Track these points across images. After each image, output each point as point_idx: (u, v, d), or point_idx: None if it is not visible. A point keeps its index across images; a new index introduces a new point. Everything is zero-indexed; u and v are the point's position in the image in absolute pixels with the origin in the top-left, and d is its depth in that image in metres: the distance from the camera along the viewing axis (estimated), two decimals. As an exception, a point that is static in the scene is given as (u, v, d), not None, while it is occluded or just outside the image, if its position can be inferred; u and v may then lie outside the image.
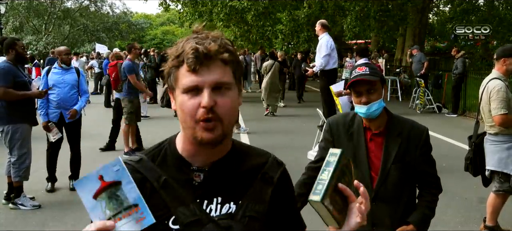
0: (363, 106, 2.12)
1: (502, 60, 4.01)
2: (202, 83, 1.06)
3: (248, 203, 1.16)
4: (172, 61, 1.10)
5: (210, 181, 1.15)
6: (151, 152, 1.20)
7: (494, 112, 3.88)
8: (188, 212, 1.10)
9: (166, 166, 1.16)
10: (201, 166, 1.15)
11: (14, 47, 5.01)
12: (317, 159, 2.38)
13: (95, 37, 40.13)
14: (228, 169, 1.18)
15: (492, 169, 4.03)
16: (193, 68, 1.06)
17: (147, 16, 54.18)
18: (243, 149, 1.26)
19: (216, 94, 1.07)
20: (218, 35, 1.11)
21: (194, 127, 1.08)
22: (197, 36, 1.10)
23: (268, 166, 1.24)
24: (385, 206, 2.19)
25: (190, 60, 1.06)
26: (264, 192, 1.20)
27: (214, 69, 1.07)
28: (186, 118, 1.09)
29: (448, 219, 4.72)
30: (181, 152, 1.17)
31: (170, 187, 1.12)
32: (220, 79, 1.07)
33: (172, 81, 1.12)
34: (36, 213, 5.00)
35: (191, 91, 1.07)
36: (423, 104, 12.50)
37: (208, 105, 1.05)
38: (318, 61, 7.77)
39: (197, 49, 1.06)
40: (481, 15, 22.46)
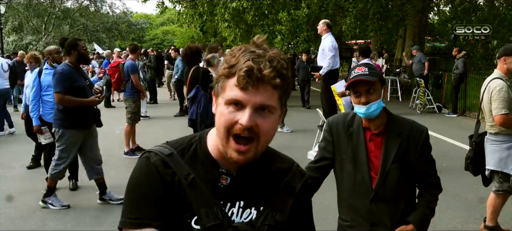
0: (362, 106, 2.12)
1: (503, 59, 4.02)
2: (246, 101, 1.06)
3: (269, 211, 1.17)
4: (224, 70, 1.10)
5: (236, 185, 1.16)
6: (181, 146, 1.19)
7: (495, 112, 3.88)
8: (211, 215, 1.10)
9: (195, 164, 1.15)
10: (229, 169, 1.15)
11: (76, 48, 4.96)
12: (317, 159, 2.38)
13: (95, 37, 40.11)
14: (253, 174, 1.19)
15: (492, 168, 4.03)
16: (243, 86, 1.05)
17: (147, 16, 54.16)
18: (270, 154, 1.25)
19: (257, 115, 1.07)
20: (275, 56, 1.08)
21: (227, 141, 1.08)
22: (255, 51, 1.08)
23: (291, 175, 1.24)
24: (384, 206, 2.19)
25: (241, 78, 1.05)
26: (285, 202, 1.20)
27: (263, 91, 1.06)
28: (221, 128, 1.09)
29: (448, 219, 4.72)
30: (211, 152, 1.17)
31: (197, 186, 1.12)
32: (265, 102, 1.07)
33: (219, 89, 1.11)
34: (36, 213, 4.99)
35: (234, 104, 1.07)
36: (423, 104, 12.49)
37: (247, 125, 1.05)
38: (325, 62, 7.76)
39: (252, 70, 1.04)
40: (481, 15, 22.47)
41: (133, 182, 1.15)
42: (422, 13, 17.23)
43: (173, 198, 1.12)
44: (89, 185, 5.76)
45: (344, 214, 2.31)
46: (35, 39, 37.17)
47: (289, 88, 1.14)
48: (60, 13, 40.12)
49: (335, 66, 7.89)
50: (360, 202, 2.22)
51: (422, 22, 17.40)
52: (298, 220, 1.26)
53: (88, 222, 4.71)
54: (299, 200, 1.24)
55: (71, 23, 40.97)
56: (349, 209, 2.27)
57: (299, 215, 1.26)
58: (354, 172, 2.22)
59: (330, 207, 4.81)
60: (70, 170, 5.91)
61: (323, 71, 7.78)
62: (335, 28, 17.29)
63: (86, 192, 5.61)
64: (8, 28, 36.45)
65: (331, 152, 2.29)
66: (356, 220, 2.24)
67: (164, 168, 1.12)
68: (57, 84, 4.81)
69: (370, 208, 2.20)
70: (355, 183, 2.22)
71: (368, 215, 2.21)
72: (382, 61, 16.20)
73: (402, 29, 17.90)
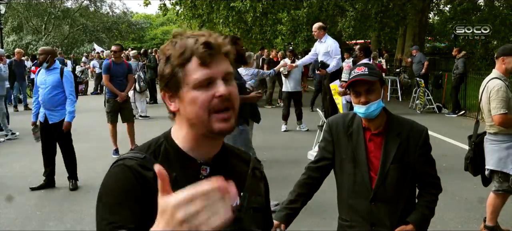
0: (362, 106, 2.12)
1: (501, 59, 4.03)
2: (215, 74, 1.09)
3: (250, 195, 1.20)
4: (176, 60, 1.10)
5: (215, 175, 1.13)
6: (150, 149, 1.17)
7: (494, 111, 3.88)
8: None
9: (170, 163, 1.14)
10: (205, 160, 1.16)
11: (237, 42, 4.98)
12: (317, 159, 2.38)
13: (94, 37, 40.13)
14: (226, 162, 1.21)
15: (491, 168, 4.04)
16: (205, 61, 1.08)
17: (147, 16, 54.14)
18: (229, 146, 1.29)
19: (226, 84, 1.10)
20: (210, 32, 1.14)
21: (208, 120, 1.10)
22: (194, 34, 1.12)
23: (253, 162, 1.30)
24: (384, 206, 2.19)
25: (204, 53, 1.08)
26: (259, 186, 1.27)
27: (222, 61, 1.11)
28: (200, 112, 1.09)
29: (448, 219, 4.72)
30: (182, 147, 1.17)
31: (180, 185, 1.07)
32: (228, 70, 1.12)
33: (179, 81, 1.10)
34: (36, 213, 5.00)
35: (204, 85, 1.09)
36: (423, 104, 12.50)
37: (226, 93, 1.08)
38: (333, 61, 7.78)
39: (210, 43, 1.09)
40: (481, 15, 22.45)
41: (107, 187, 1.11)
42: (422, 13, 17.22)
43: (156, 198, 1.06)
44: (89, 185, 5.77)
45: (344, 214, 2.31)
46: (35, 39, 37.18)
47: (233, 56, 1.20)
48: (60, 13, 40.13)
49: (339, 66, 7.93)
50: (360, 202, 2.22)
51: (422, 22, 17.40)
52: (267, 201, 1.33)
53: (88, 222, 4.71)
54: (265, 185, 1.32)
55: (71, 23, 41.00)
56: (349, 209, 2.27)
57: (267, 200, 1.33)
58: (354, 172, 2.22)
59: (330, 207, 4.80)
60: (67, 170, 5.91)
61: (330, 69, 7.80)
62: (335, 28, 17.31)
63: (86, 192, 5.61)
64: (8, 28, 36.45)
65: (331, 152, 2.29)
66: (356, 220, 2.24)
67: (143, 170, 1.09)
68: None
69: (369, 208, 2.20)
70: (355, 183, 2.22)
71: (368, 215, 2.21)
72: (383, 61, 16.20)
73: (402, 29, 17.90)
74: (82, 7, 42.69)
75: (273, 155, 7.55)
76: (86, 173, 6.47)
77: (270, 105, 13.89)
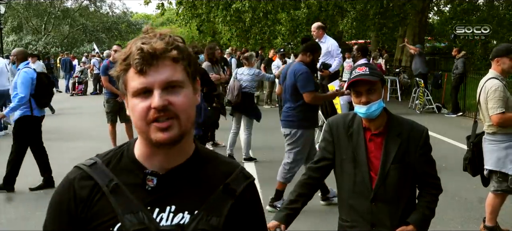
0: (363, 106, 2.12)
1: (496, 60, 4.05)
2: (151, 84, 1.02)
3: (203, 214, 1.08)
4: (120, 65, 1.05)
5: (165, 187, 1.08)
6: (108, 155, 1.14)
7: (491, 111, 3.90)
8: (136, 220, 1.04)
9: (119, 170, 1.10)
10: (156, 170, 1.09)
11: (314, 53, 4.93)
12: (317, 159, 2.38)
13: (94, 37, 40.14)
14: (187, 175, 1.11)
15: (490, 168, 4.04)
16: (140, 69, 1.01)
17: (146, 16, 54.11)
18: (208, 156, 1.18)
19: (168, 94, 1.03)
20: (166, 32, 1.07)
21: (147, 130, 1.04)
22: (145, 36, 1.06)
23: (232, 177, 1.15)
24: (384, 206, 2.19)
25: (136, 61, 1.01)
26: (224, 204, 1.11)
27: (163, 68, 1.02)
28: (138, 122, 1.05)
29: (448, 219, 4.72)
30: (137, 156, 1.11)
31: (121, 192, 1.06)
32: (170, 78, 1.03)
33: (122, 86, 1.07)
34: (35, 214, 4.99)
35: (141, 94, 1.03)
36: (422, 104, 12.50)
37: (158, 106, 1.01)
38: (335, 61, 7.79)
39: (142, 49, 1.01)
40: (481, 15, 22.45)
41: (51, 199, 1.15)
42: (422, 13, 17.23)
43: (92, 209, 1.06)
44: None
45: (345, 215, 2.30)
46: (35, 39, 37.17)
47: (193, 62, 1.10)
48: (60, 13, 40.14)
49: (339, 66, 7.95)
50: (360, 202, 2.22)
51: (422, 22, 17.40)
52: (241, 225, 1.14)
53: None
54: (242, 203, 1.13)
55: (71, 23, 41.02)
56: (349, 210, 2.27)
57: (242, 220, 1.14)
58: (354, 172, 2.22)
59: (330, 207, 4.81)
60: None
61: (333, 69, 7.81)
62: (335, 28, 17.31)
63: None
64: (8, 28, 36.44)
65: (331, 152, 2.29)
66: (356, 220, 2.24)
67: (82, 182, 1.08)
68: (308, 83, 4.71)
69: (370, 208, 2.19)
70: (355, 183, 2.22)
71: (368, 215, 2.21)
72: (382, 61, 16.20)
73: (402, 29, 17.90)
74: (82, 7, 42.69)
75: (273, 155, 7.54)
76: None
77: (270, 105, 13.90)
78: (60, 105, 14.06)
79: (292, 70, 4.85)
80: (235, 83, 6.87)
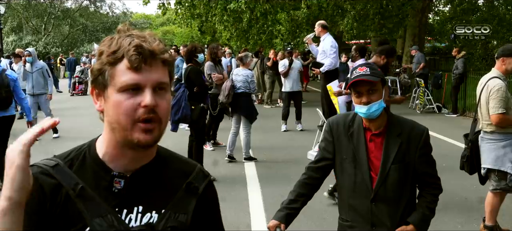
0: (364, 106, 2.12)
1: (501, 59, 4.05)
2: (144, 82, 1.02)
3: (171, 213, 1.11)
4: (107, 57, 1.03)
5: (131, 189, 1.08)
6: (69, 157, 1.11)
7: (492, 111, 3.91)
8: (105, 224, 1.03)
9: (84, 172, 1.08)
10: (122, 172, 1.08)
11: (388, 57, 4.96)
12: (317, 159, 2.38)
13: (94, 37, 40.15)
14: (152, 176, 1.12)
15: (488, 167, 4.07)
16: (136, 66, 1.01)
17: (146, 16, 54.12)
18: (168, 156, 1.20)
19: (156, 95, 1.03)
20: (155, 35, 1.08)
21: (130, 129, 1.02)
22: (132, 34, 1.05)
23: (193, 176, 1.19)
24: (384, 206, 2.19)
25: (134, 57, 1.00)
26: (188, 202, 1.15)
27: (156, 69, 1.04)
28: (121, 118, 1.02)
29: (448, 219, 4.72)
30: (102, 156, 1.10)
31: (87, 196, 1.04)
32: (160, 80, 1.04)
33: (106, 79, 1.04)
34: (35, 213, 4.99)
35: (130, 90, 1.02)
36: (423, 104, 12.50)
37: (151, 104, 1.01)
38: (327, 60, 7.77)
39: (142, 47, 1.01)
40: (481, 15, 22.46)
41: None
42: (422, 14, 17.22)
43: (57, 211, 1.03)
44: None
45: (345, 214, 2.30)
46: (35, 39, 37.18)
47: (173, 68, 1.12)
48: (60, 13, 40.14)
49: (335, 66, 7.92)
50: (360, 202, 2.22)
51: (422, 22, 17.39)
52: (205, 223, 1.20)
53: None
54: (204, 201, 1.19)
55: (71, 23, 41.02)
56: (349, 209, 2.27)
57: (205, 218, 1.19)
58: (354, 172, 2.21)
59: (330, 207, 4.81)
60: None
61: (324, 69, 7.80)
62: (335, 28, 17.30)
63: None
64: (7, 28, 36.44)
65: (331, 152, 2.29)
66: (357, 220, 2.24)
67: (44, 177, 1.04)
68: None
69: (370, 208, 2.19)
70: (356, 183, 2.22)
71: (368, 215, 2.21)
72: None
73: (402, 30, 17.89)
74: (82, 7, 42.70)
75: (273, 155, 7.55)
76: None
77: (270, 105, 13.89)
78: (60, 105, 14.07)
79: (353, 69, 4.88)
80: (226, 84, 6.89)
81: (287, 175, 5.73)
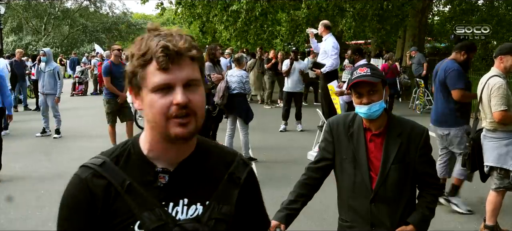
0: (364, 106, 2.13)
1: (499, 58, 4.13)
2: (173, 80, 1.05)
3: (215, 204, 1.15)
4: (137, 60, 1.08)
5: (176, 182, 1.14)
6: (115, 153, 1.16)
7: (494, 108, 3.96)
8: (154, 217, 1.08)
9: (130, 169, 1.13)
10: (166, 167, 1.13)
11: (469, 52, 4.81)
12: (317, 159, 2.38)
13: (94, 37, 40.16)
14: (194, 168, 1.16)
15: (491, 164, 4.10)
16: (164, 66, 1.04)
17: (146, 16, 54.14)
18: (208, 147, 1.23)
19: (187, 92, 1.07)
20: (181, 32, 1.10)
21: (165, 125, 1.07)
22: (160, 33, 1.08)
23: (234, 166, 1.23)
24: (384, 207, 2.19)
25: (161, 58, 1.04)
26: (231, 193, 1.19)
27: (185, 66, 1.07)
28: (156, 116, 1.07)
29: (448, 219, 4.73)
30: (146, 153, 1.15)
31: (135, 191, 1.10)
32: (190, 76, 1.07)
33: (138, 81, 1.09)
34: (35, 213, 5.00)
35: (162, 90, 1.06)
36: (422, 104, 12.50)
37: (183, 102, 1.05)
38: (328, 61, 7.77)
39: (168, 47, 1.04)
40: (480, 15, 22.45)
41: (62, 199, 1.15)
42: (422, 14, 17.22)
43: (109, 208, 1.09)
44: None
45: (344, 215, 2.31)
46: (35, 39, 37.17)
47: (204, 62, 1.16)
48: (60, 14, 40.13)
49: (336, 67, 7.92)
50: (360, 202, 2.22)
51: (422, 22, 17.39)
52: (248, 211, 1.24)
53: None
54: (246, 190, 1.23)
55: (71, 23, 41.01)
56: (349, 210, 2.28)
57: (248, 206, 1.24)
58: (354, 172, 2.22)
59: (330, 207, 4.81)
60: None
61: (325, 70, 7.80)
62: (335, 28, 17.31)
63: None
64: (7, 28, 36.43)
65: (331, 153, 2.29)
66: (356, 220, 2.24)
67: (95, 180, 1.10)
68: (458, 81, 4.62)
69: (370, 208, 2.20)
70: (355, 184, 2.22)
71: (368, 215, 2.21)
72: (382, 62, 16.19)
73: (402, 30, 17.89)
74: (82, 8, 42.70)
75: (273, 155, 7.55)
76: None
77: (270, 105, 13.90)
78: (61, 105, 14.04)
79: (444, 68, 4.80)
80: (221, 85, 6.89)
81: (287, 176, 5.74)
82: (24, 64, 14.18)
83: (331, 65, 7.75)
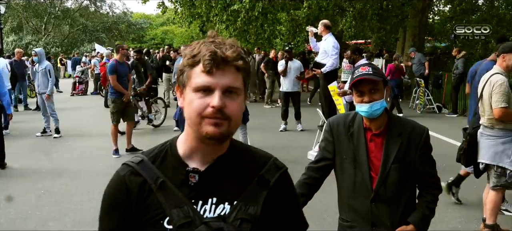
0: (365, 105, 2.13)
1: (502, 56, 4.16)
2: (214, 84, 1.11)
3: (242, 205, 1.19)
4: (187, 60, 1.16)
5: (206, 182, 1.19)
6: (153, 153, 1.23)
7: (495, 105, 3.99)
8: (182, 214, 1.14)
9: (164, 167, 1.20)
10: (197, 167, 1.19)
11: None
12: (317, 159, 2.38)
13: (94, 37, 40.15)
14: (225, 169, 1.21)
15: (487, 162, 4.13)
16: (209, 70, 1.11)
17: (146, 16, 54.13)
18: (242, 150, 1.29)
19: (225, 98, 1.12)
20: (234, 43, 1.17)
21: (200, 122, 1.13)
22: (214, 40, 1.15)
23: (266, 168, 1.27)
24: (384, 206, 2.19)
25: (207, 62, 1.11)
26: (259, 195, 1.22)
27: (228, 74, 1.13)
28: (192, 115, 1.13)
29: (448, 219, 4.73)
30: (181, 153, 1.21)
31: (167, 189, 1.17)
32: (232, 84, 1.13)
33: (184, 79, 1.16)
34: (35, 213, 4.99)
35: (202, 91, 1.12)
36: (423, 104, 12.50)
37: (218, 106, 1.10)
38: (329, 61, 7.77)
39: (216, 53, 1.11)
40: (480, 15, 22.44)
41: (103, 196, 1.23)
42: (422, 14, 17.21)
43: (142, 204, 1.17)
44: (89, 185, 5.77)
45: (345, 214, 2.31)
46: (35, 39, 37.16)
47: (249, 74, 1.21)
48: (60, 13, 40.12)
49: (336, 67, 7.91)
50: (361, 202, 2.22)
51: (422, 22, 17.39)
52: (279, 213, 1.27)
53: (88, 222, 4.71)
54: (276, 193, 1.25)
55: (71, 23, 41.00)
56: (349, 210, 2.27)
57: (279, 208, 1.26)
58: (354, 172, 2.22)
59: (330, 207, 4.81)
60: None
61: (325, 69, 7.79)
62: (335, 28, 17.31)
63: (86, 192, 5.61)
64: (7, 28, 36.42)
65: (331, 152, 2.29)
66: (357, 220, 2.24)
67: (132, 177, 1.19)
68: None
69: (370, 208, 2.20)
70: (356, 183, 2.22)
71: (368, 215, 2.21)
72: (383, 62, 16.19)
73: (402, 30, 17.89)
74: (82, 7, 42.69)
75: (273, 154, 7.53)
76: (87, 172, 6.49)
77: (270, 105, 13.90)
78: (61, 105, 14.05)
79: (483, 69, 4.76)
80: None
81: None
82: (24, 64, 14.19)
83: (331, 65, 7.75)
